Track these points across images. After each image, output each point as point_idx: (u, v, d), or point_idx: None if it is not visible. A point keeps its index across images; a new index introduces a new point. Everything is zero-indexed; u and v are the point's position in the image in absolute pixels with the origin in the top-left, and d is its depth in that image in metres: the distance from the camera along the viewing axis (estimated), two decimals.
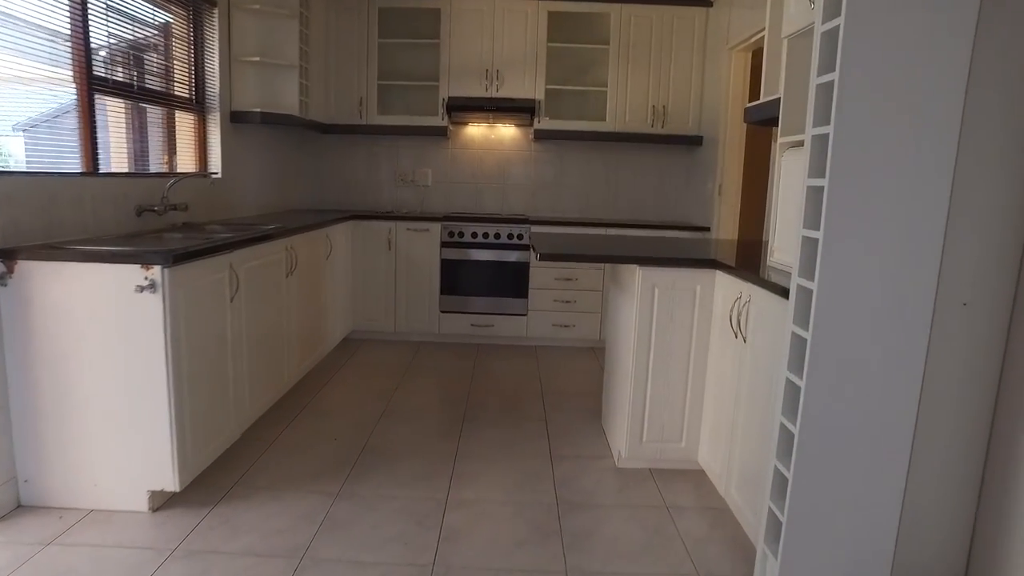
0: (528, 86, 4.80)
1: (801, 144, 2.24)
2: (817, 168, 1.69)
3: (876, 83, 1.56)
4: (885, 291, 1.64)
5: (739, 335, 2.29)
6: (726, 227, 4.51)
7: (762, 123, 3.16)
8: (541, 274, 4.68)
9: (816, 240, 1.66)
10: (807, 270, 1.73)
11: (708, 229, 4.61)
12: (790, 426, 1.77)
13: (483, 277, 4.69)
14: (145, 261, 2.17)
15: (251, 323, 2.90)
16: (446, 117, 4.82)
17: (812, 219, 1.71)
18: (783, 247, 2.30)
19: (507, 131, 5.18)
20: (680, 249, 2.96)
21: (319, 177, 5.27)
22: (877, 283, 1.64)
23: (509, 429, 3.27)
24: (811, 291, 1.68)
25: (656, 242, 3.26)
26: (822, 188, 1.63)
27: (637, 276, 2.57)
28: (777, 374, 1.98)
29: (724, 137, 4.44)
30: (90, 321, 2.22)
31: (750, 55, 4.35)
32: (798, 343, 1.77)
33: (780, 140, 2.29)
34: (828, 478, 1.74)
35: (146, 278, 2.17)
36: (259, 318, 3.00)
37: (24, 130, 2.61)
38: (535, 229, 4.64)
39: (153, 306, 2.19)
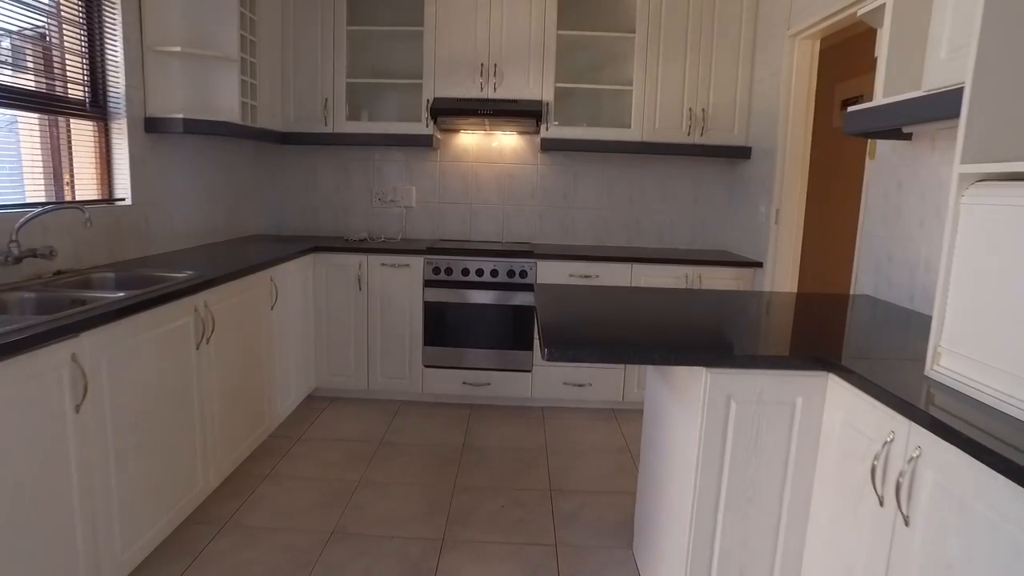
0: (534, 85, 3.86)
1: (1012, 177, 1.28)
2: None
3: None
4: None
5: (888, 502, 1.34)
6: (784, 262, 3.55)
7: (871, 135, 2.21)
8: None
9: None
10: None
11: (760, 264, 3.66)
12: None
13: (477, 324, 3.75)
14: None
15: (125, 430, 1.97)
16: (432, 123, 3.88)
17: None
18: (962, 350, 1.34)
19: (508, 140, 4.24)
20: (753, 323, 2.00)
21: (276, 198, 4.35)
22: None
23: (505, 564, 2.32)
24: None
25: (713, 303, 2.30)
26: None
27: (704, 383, 1.62)
28: None
29: (783, 149, 3.48)
30: None
31: (818, 43, 3.40)
32: None
33: (962, 167, 1.33)
34: None
35: None
36: (143, 420, 2.07)
37: None
38: (542, 266, 3.70)
39: None
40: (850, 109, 2.15)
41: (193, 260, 2.96)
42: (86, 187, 2.87)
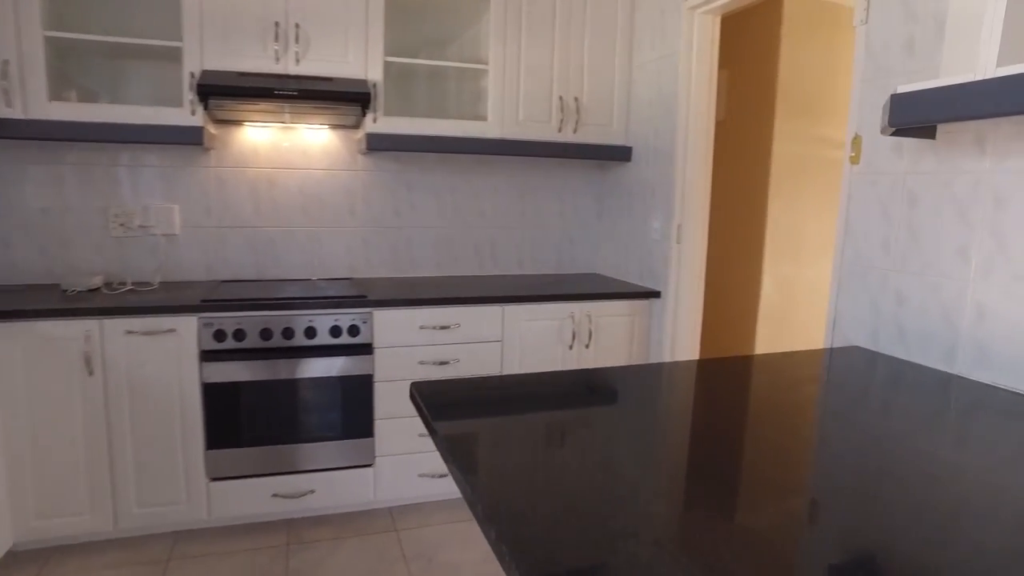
0: (354, 58, 2.74)
1: None
2: None
3: None
4: None
5: None
6: (689, 291, 2.85)
7: (905, 132, 1.50)
8: (395, 392, 2.66)
9: None
10: None
11: (658, 295, 2.92)
12: None
13: (289, 409, 2.54)
14: None
15: None
16: (201, 109, 2.58)
17: None
18: None
19: (317, 136, 3.06)
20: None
21: None
22: None
23: None
24: None
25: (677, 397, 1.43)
26: None
27: None
28: None
29: (684, 148, 2.77)
30: None
31: (719, 20, 2.73)
32: None
33: None
34: None
35: None
36: None
37: None
38: (380, 317, 2.60)
39: None
40: (903, 89, 1.40)
41: None
42: None
